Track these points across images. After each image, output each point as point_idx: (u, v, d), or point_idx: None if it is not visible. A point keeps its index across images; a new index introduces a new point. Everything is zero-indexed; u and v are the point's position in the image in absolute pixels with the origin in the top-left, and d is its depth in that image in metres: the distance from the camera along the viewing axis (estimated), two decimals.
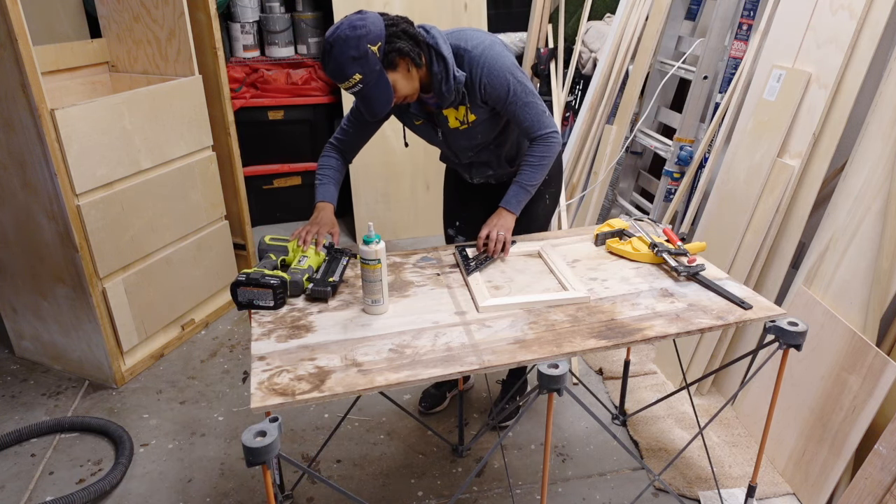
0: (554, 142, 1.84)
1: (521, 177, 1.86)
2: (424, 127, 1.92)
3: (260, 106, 3.78)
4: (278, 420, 1.20)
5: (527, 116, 1.80)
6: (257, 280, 1.60)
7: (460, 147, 1.93)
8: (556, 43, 3.75)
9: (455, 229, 2.23)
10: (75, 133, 2.24)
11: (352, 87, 1.62)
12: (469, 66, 1.72)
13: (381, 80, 1.62)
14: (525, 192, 1.86)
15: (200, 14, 2.80)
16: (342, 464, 2.19)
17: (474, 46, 1.72)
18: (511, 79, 1.74)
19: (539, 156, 1.84)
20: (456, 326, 1.54)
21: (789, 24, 2.20)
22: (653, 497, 2.04)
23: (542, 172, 1.86)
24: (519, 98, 1.77)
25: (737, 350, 2.36)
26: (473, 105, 1.79)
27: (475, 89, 1.74)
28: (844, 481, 1.86)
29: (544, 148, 1.83)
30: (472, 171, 2.03)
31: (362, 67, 1.58)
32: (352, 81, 1.60)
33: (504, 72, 1.73)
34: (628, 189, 3.52)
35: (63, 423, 2.32)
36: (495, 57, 1.73)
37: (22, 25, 2.02)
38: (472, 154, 1.96)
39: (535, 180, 1.86)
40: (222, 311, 3.09)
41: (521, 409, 2.34)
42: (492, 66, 1.72)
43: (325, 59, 1.61)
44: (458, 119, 1.83)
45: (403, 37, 1.64)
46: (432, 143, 1.99)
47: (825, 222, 2.04)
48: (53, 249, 2.37)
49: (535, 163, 1.84)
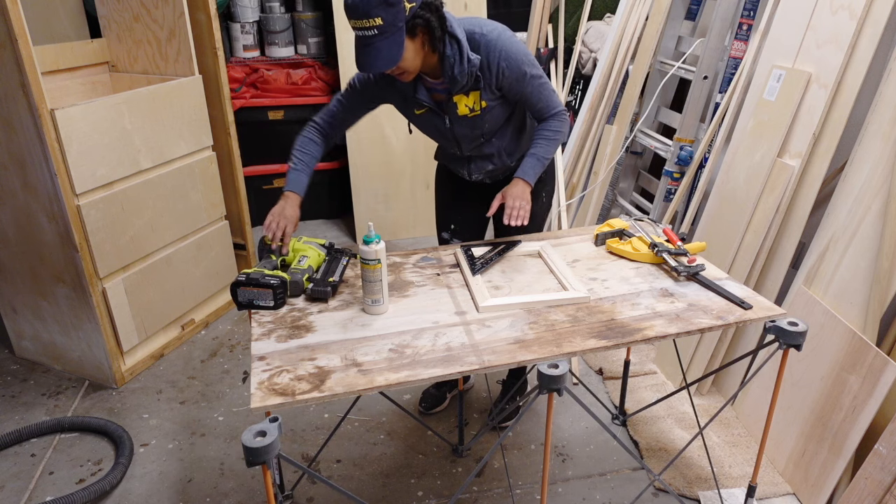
0: (566, 119, 1.88)
1: (536, 148, 1.87)
2: (427, 116, 1.87)
3: (260, 106, 3.78)
4: (278, 420, 1.20)
5: (541, 97, 1.84)
6: (257, 280, 1.60)
7: (465, 136, 1.89)
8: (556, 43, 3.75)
9: (450, 232, 2.18)
10: (75, 133, 2.24)
11: (364, 30, 1.52)
12: (486, 51, 1.72)
13: (396, 37, 1.54)
14: (540, 164, 1.86)
15: (200, 14, 2.80)
16: (342, 464, 2.19)
17: (489, 31, 1.72)
18: (527, 61, 1.77)
19: (554, 130, 1.87)
20: (456, 326, 1.54)
21: (789, 24, 2.20)
22: (653, 497, 2.04)
23: (556, 146, 1.88)
24: (534, 80, 1.80)
25: (737, 350, 2.36)
26: (486, 90, 1.78)
27: (492, 73, 1.74)
28: (844, 481, 1.86)
29: (559, 123, 1.87)
30: (472, 165, 2.00)
31: (387, 14, 1.50)
32: (369, 23, 1.50)
33: (521, 55, 1.75)
34: (628, 189, 3.52)
35: (63, 423, 2.32)
36: (511, 41, 1.74)
37: (22, 25, 2.02)
38: (475, 145, 1.93)
39: (550, 153, 1.88)
40: (222, 311, 3.09)
41: (521, 409, 2.34)
42: (509, 50, 1.73)
43: None
44: (468, 106, 1.81)
45: (435, 13, 1.61)
46: (432, 134, 1.96)
47: (825, 222, 2.04)
48: (53, 249, 2.37)
49: (549, 136, 1.87)
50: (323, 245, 1.82)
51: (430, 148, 3.84)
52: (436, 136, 1.97)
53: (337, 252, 1.83)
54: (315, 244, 1.81)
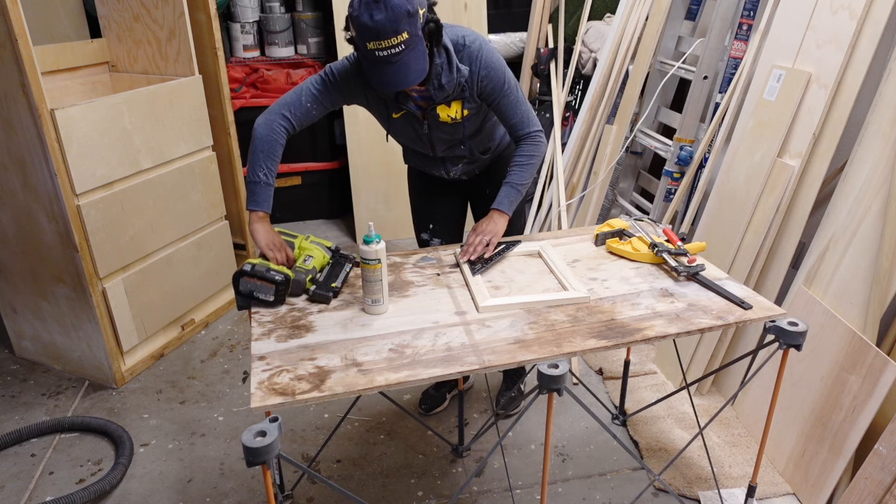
0: (540, 141, 1.85)
1: (511, 177, 1.86)
2: (403, 120, 1.82)
3: (260, 106, 3.77)
4: (278, 420, 1.20)
5: (516, 112, 1.82)
6: (262, 273, 1.60)
7: (440, 140, 1.88)
8: (556, 43, 3.74)
9: (429, 232, 2.17)
10: (75, 133, 2.24)
11: (393, 48, 1.45)
12: (469, 60, 1.72)
13: (420, 45, 1.51)
14: (516, 192, 1.86)
15: (200, 14, 2.81)
16: (342, 464, 2.19)
17: (472, 42, 1.73)
18: (506, 74, 1.77)
19: (528, 155, 1.85)
20: (456, 326, 1.54)
21: (789, 24, 2.20)
22: (653, 497, 2.04)
23: (532, 171, 1.87)
24: (511, 92, 1.79)
25: (737, 350, 2.36)
26: (468, 100, 1.78)
27: (473, 82, 1.74)
28: (844, 481, 1.86)
29: (532, 147, 1.85)
30: (447, 164, 1.99)
31: (411, 26, 1.45)
32: (398, 39, 1.44)
33: (500, 67, 1.75)
34: (628, 189, 3.52)
35: (63, 423, 2.32)
36: (491, 51, 1.75)
37: (22, 25, 2.02)
38: (448, 148, 1.92)
39: (525, 180, 1.86)
40: (222, 311, 3.09)
41: (521, 409, 2.35)
42: (489, 61, 1.73)
43: (373, 9, 1.42)
44: (449, 115, 1.80)
45: (435, 15, 1.59)
46: (406, 138, 1.92)
47: (825, 222, 2.04)
48: (53, 249, 2.37)
49: (524, 162, 1.85)
50: (329, 248, 1.82)
51: None
52: (410, 140, 1.94)
53: (341, 257, 1.83)
54: (322, 246, 1.81)
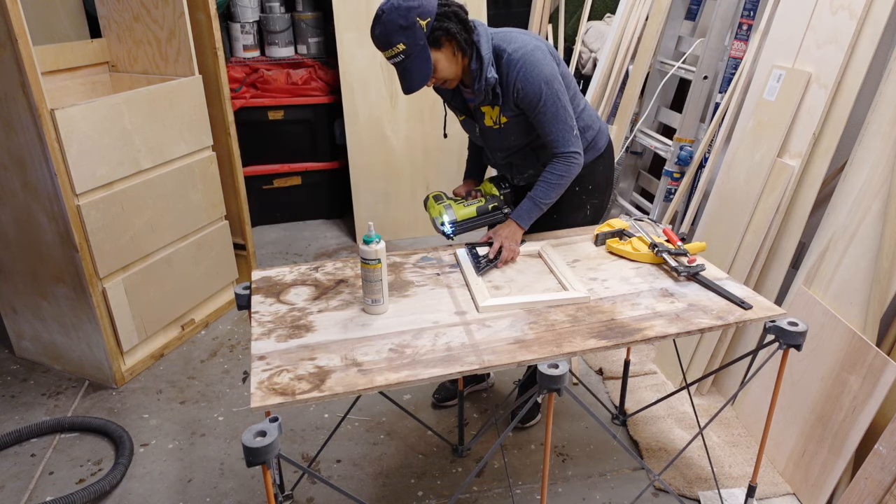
0: (575, 163, 1.83)
1: (535, 192, 1.86)
2: (466, 123, 1.98)
3: (260, 106, 3.77)
4: (278, 420, 1.20)
5: (553, 130, 1.79)
6: (486, 210, 1.89)
7: (494, 147, 1.97)
8: (556, 43, 3.75)
9: None
10: (75, 133, 2.24)
11: (394, 57, 1.65)
12: (506, 68, 1.74)
13: (422, 54, 1.65)
14: (537, 209, 1.86)
15: (200, 14, 2.80)
16: (342, 464, 2.19)
17: (515, 49, 1.73)
18: (545, 88, 1.74)
19: (558, 174, 1.83)
20: (456, 326, 1.54)
21: (789, 24, 2.20)
22: (653, 497, 2.04)
23: (558, 191, 1.86)
24: (549, 109, 1.76)
25: (737, 350, 2.36)
26: (506, 107, 1.80)
27: (509, 91, 1.76)
28: (844, 481, 1.86)
29: (564, 167, 1.83)
30: (513, 171, 2.05)
31: (407, 38, 1.61)
32: (395, 50, 1.63)
33: (539, 79, 1.73)
34: (628, 189, 3.52)
35: (63, 423, 2.32)
36: (534, 63, 1.72)
37: (22, 25, 2.02)
38: (505, 155, 1.98)
39: (550, 198, 1.86)
40: (222, 311, 3.09)
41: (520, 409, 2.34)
42: (528, 72, 1.72)
43: (374, 24, 1.64)
44: (492, 118, 1.86)
45: (454, 19, 1.67)
46: (475, 140, 2.05)
47: (825, 222, 2.04)
48: (53, 249, 2.37)
49: (552, 180, 1.84)
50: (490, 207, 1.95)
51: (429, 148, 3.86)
52: (477, 142, 2.07)
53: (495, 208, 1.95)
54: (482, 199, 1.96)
